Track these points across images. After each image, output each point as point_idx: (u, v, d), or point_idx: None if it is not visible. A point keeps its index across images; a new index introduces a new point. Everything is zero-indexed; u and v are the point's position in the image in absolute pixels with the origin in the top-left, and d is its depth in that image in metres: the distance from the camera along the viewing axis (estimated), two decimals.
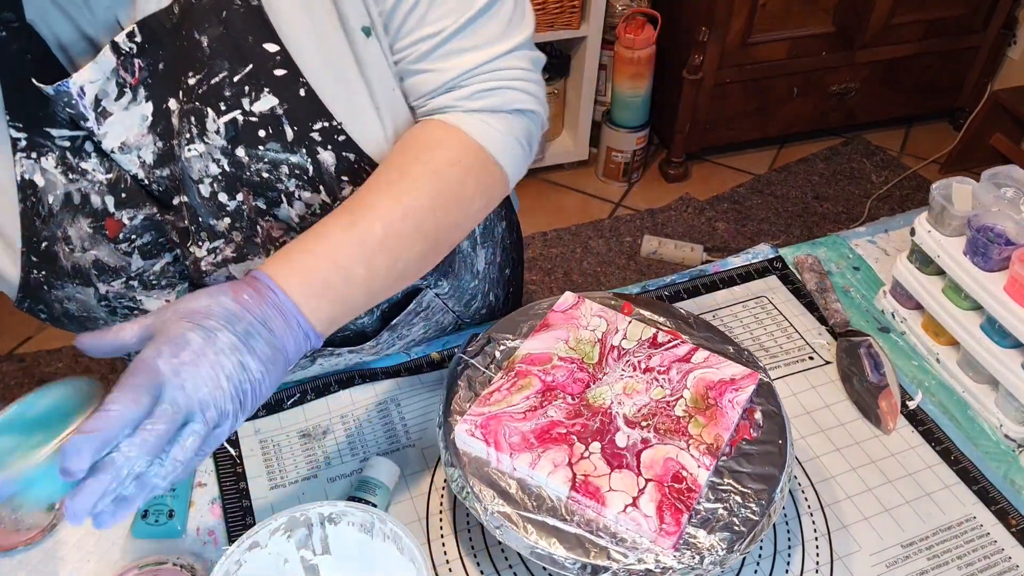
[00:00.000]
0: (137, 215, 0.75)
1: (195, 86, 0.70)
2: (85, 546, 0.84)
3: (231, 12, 0.69)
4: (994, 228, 0.91)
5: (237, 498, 0.87)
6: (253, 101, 0.71)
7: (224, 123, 0.71)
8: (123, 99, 0.71)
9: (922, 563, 0.82)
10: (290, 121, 0.72)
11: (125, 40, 0.68)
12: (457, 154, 0.76)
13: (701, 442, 0.77)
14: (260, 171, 0.73)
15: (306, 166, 0.74)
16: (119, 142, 0.72)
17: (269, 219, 0.76)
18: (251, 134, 0.72)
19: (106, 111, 0.70)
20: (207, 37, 0.69)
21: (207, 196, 0.74)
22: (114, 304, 0.80)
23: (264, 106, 0.71)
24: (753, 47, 2.60)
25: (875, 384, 0.97)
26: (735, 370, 0.84)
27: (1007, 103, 2.64)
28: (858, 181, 2.83)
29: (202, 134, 0.72)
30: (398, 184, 0.73)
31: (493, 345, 0.86)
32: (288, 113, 0.72)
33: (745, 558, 0.82)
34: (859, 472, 0.90)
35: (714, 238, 2.62)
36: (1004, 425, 0.93)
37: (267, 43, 0.70)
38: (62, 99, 0.68)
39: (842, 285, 1.11)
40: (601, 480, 0.73)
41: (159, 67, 0.70)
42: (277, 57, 0.70)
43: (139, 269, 0.78)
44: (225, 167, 0.73)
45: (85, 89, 0.68)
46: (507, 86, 0.77)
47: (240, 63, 0.70)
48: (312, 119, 0.73)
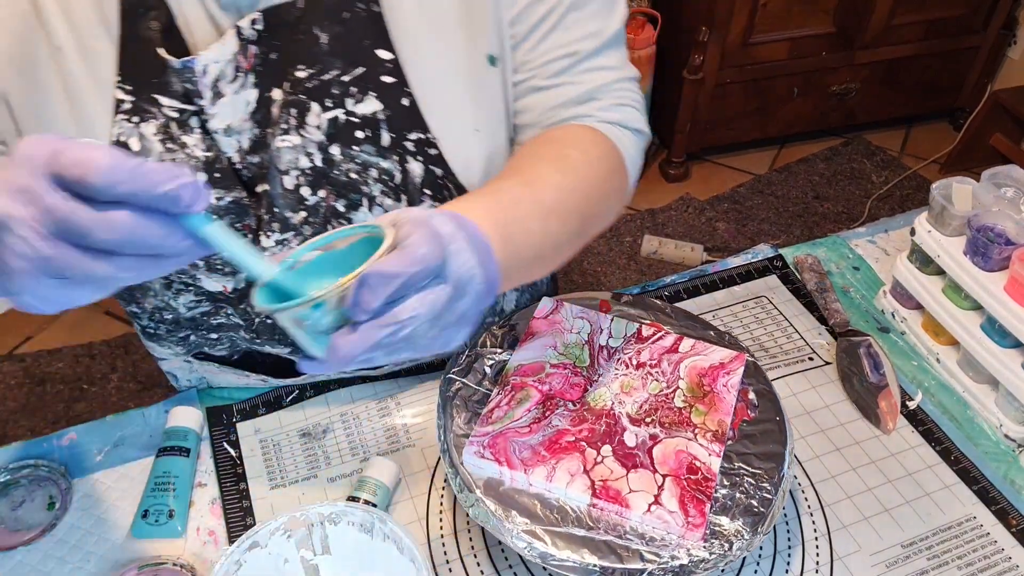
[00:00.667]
0: (225, 197, 0.77)
1: (305, 79, 0.73)
2: (85, 546, 0.84)
3: (353, 14, 0.72)
4: (994, 228, 0.91)
5: (237, 498, 0.87)
6: (357, 102, 0.74)
7: (327, 119, 0.74)
8: (235, 83, 0.73)
9: (922, 563, 0.82)
10: (388, 127, 0.74)
11: (248, 25, 0.71)
12: (604, 151, 0.79)
13: (706, 430, 0.78)
14: (349, 171, 0.75)
15: (394, 173, 0.76)
16: (225, 124, 0.74)
17: (343, 222, 0.78)
18: (348, 134, 0.74)
19: (220, 92, 0.72)
20: (327, 35, 0.72)
21: (290, 188, 0.76)
22: (172, 278, 0.81)
23: (367, 109, 0.74)
24: (754, 47, 2.60)
25: (875, 384, 0.97)
26: (722, 354, 0.85)
27: (1007, 103, 2.64)
28: (858, 181, 2.83)
29: (300, 126, 0.74)
30: (562, 162, 0.74)
31: (481, 361, 0.85)
32: (388, 120, 0.74)
33: (745, 558, 0.82)
34: (859, 472, 0.90)
35: (714, 238, 2.61)
36: (1004, 425, 0.93)
37: (381, 49, 0.73)
38: (184, 74, 0.70)
39: (842, 285, 1.11)
40: (620, 483, 0.73)
41: (270, 56, 0.73)
42: (388, 64, 0.73)
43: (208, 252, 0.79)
44: (317, 162, 0.75)
45: (208, 68, 0.70)
46: (631, 104, 0.83)
47: (352, 64, 0.73)
48: (409, 129, 0.75)
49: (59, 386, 2.14)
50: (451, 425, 0.79)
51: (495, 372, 0.84)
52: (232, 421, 0.95)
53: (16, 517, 0.85)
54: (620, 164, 0.81)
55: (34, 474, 0.88)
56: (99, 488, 0.89)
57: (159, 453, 0.89)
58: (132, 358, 2.19)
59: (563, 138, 0.78)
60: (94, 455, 0.91)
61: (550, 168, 0.73)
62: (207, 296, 0.84)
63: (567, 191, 0.72)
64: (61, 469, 0.89)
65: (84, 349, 2.22)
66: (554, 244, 0.71)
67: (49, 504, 0.86)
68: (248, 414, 0.95)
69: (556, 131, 0.80)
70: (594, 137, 0.79)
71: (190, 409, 0.92)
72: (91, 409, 2.08)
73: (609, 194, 0.79)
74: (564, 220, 0.71)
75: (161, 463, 0.88)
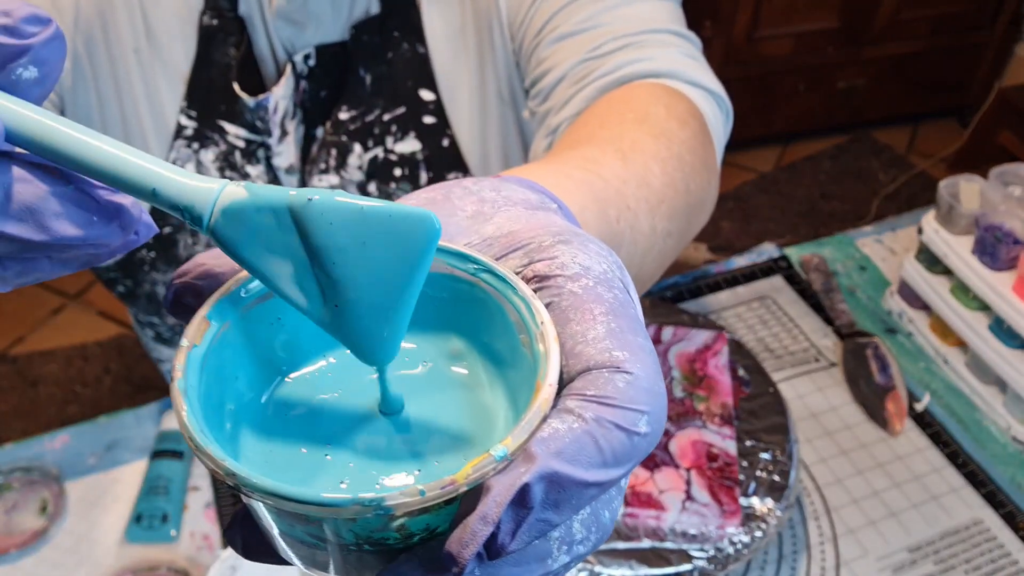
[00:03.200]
0: None
1: (347, 121, 0.72)
2: (79, 551, 0.83)
3: (397, 55, 0.71)
4: (1002, 227, 0.90)
5: (232, 503, 0.86)
6: (397, 140, 0.73)
7: (368, 159, 0.73)
8: (295, 120, 0.72)
9: (929, 567, 0.81)
10: (427, 166, 0.73)
11: (301, 62, 0.70)
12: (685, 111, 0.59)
13: (712, 415, 0.78)
14: None
15: None
16: (289, 163, 0.73)
17: None
18: (386, 171, 0.73)
19: (285, 130, 0.71)
20: (371, 75, 0.71)
21: None
22: None
23: (407, 148, 0.73)
24: (758, 43, 2.58)
25: (882, 386, 0.96)
26: (704, 336, 0.85)
27: (1015, 100, 2.62)
28: (865, 179, 2.81)
29: (340, 167, 0.73)
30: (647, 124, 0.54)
31: None
32: (428, 159, 0.73)
33: (750, 562, 0.81)
34: (865, 476, 0.88)
35: (718, 237, 2.60)
36: (1012, 428, 0.92)
37: (424, 89, 0.72)
38: (259, 112, 0.69)
39: (848, 285, 1.10)
40: (647, 486, 0.73)
41: (319, 94, 0.72)
42: (431, 105, 0.72)
43: None
44: None
45: (279, 106, 0.69)
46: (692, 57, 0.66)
47: (395, 104, 0.72)
48: (448, 169, 0.74)
49: (52, 388, 2.13)
50: None
51: None
52: None
53: (8, 521, 0.84)
54: (706, 129, 0.61)
55: (26, 477, 0.88)
56: (92, 491, 0.88)
57: (153, 456, 0.88)
58: (126, 360, 2.19)
59: (637, 94, 0.58)
60: (87, 458, 0.90)
61: (642, 133, 0.52)
62: None
63: (671, 166, 0.52)
64: (54, 472, 0.88)
65: (77, 351, 2.21)
66: (660, 252, 0.51)
67: (41, 508, 0.85)
68: None
69: (615, 92, 0.60)
70: (669, 90, 0.59)
71: None
72: (84, 411, 2.07)
73: (705, 168, 0.58)
74: (671, 213, 0.52)
75: (155, 466, 0.87)
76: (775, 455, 0.75)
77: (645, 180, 0.49)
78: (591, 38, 0.63)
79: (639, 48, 0.62)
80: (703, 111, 0.61)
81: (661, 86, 0.59)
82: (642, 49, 0.62)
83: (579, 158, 0.47)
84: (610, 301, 0.27)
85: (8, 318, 2.32)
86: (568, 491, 0.24)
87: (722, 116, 0.65)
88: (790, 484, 0.73)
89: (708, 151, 0.59)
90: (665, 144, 0.53)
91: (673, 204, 0.52)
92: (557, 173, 0.42)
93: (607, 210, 0.43)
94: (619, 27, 0.63)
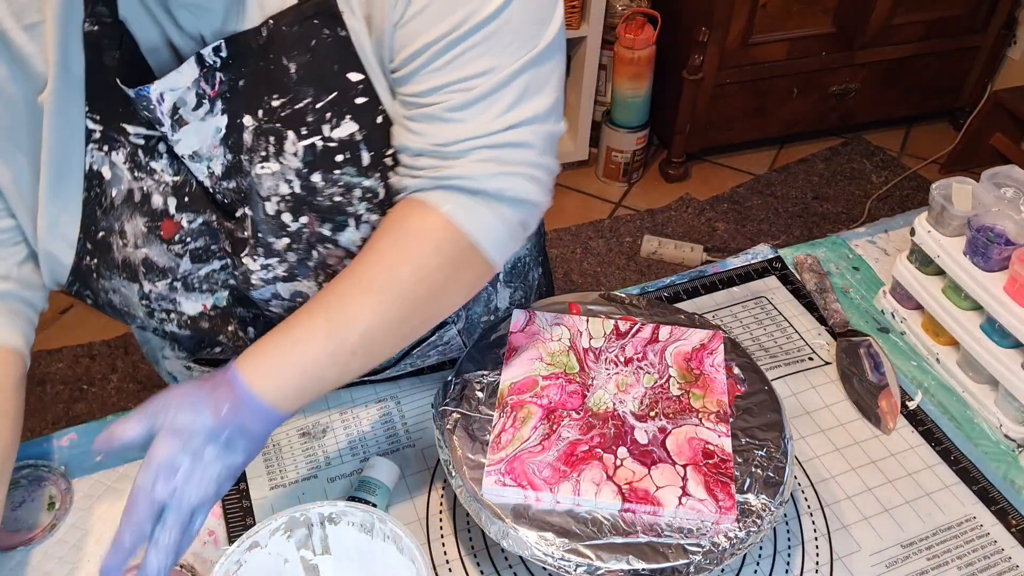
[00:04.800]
0: (196, 219, 0.77)
1: (278, 108, 0.72)
2: (85, 547, 0.84)
3: (319, 42, 0.71)
4: (994, 228, 0.91)
5: (237, 498, 0.87)
6: (334, 127, 0.73)
7: (303, 147, 0.73)
8: (200, 110, 0.72)
9: (922, 563, 0.82)
10: (367, 147, 0.74)
11: (211, 54, 0.70)
12: (448, 256, 0.72)
13: (708, 412, 0.79)
14: (333, 195, 0.75)
15: (377, 190, 0.75)
16: (191, 150, 0.74)
17: (329, 246, 0.77)
18: (328, 159, 0.74)
19: (183, 120, 0.72)
20: (295, 64, 0.71)
21: (271, 214, 0.75)
22: (153, 306, 0.81)
23: (344, 132, 0.73)
24: (753, 47, 2.60)
25: (875, 384, 0.97)
26: (700, 335, 0.87)
27: (1007, 103, 2.64)
28: (858, 181, 2.83)
29: (279, 154, 0.73)
30: (385, 291, 0.71)
31: (470, 387, 0.82)
32: (366, 139, 0.74)
33: (745, 557, 0.82)
34: (859, 472, 0.90)
35: (714, 238, 2.62)
36: (1004, 425, 0.93)
37: (351, 72, 0.72)
38: (141, 103, 0.70)
39: (841, 285, 1.11)
40: (645, 482, 0.74)
41: (239, 83, 0.72)
42: (360, 86, 0.72)
43: (186, 272, 0.79)
44: (296, 189, 0.74)
45: (164, 96, 0.70)
46: (515, 172, 0.71)
47: (324, 91, 0.72)
48: (387, 145, 0.75)
49: (59, 386, 2.14)
50: (459, 458, 0.77)
51: (488, 395, 0.82)
52: None
53: (16, 517, 0.85)
54: (469, 259, 0.73)
55: (34, 474, 0.89)
56: (99, 488, 0.89)
57: None
58: (132, 359, 2.19)
59: (406, 248, 0.72)
60: (94, 455, 0.91)
61: (368, 303, 0.70)
62: (190, 326, 0.84)
63: (380, 325, 0.71)
64: (61, 469, 0.89)
65: (84, 349, 2.22)
66: (357, 372, 0.73)
67: (49, 504, 0.86)
68: None
69: (408, 223, 0.72)
70: (441, 239, 0.71)
71: None
72: (91, 409, 2.08)
73: (448, 301, 0.76)
74: (371, 354, 0.72)
75: None
76: (770, 452, 0.77)
77: (338, 350, 0.70)
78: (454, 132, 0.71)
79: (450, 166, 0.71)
80: (483, 239, 0.72)
81: (443, 228, 0.71)
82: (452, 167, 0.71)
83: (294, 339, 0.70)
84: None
85: None
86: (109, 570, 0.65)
87: (533, 219, 0.75)
88: (785, 480, 0.75)
89: (458, 284, 0.75)
90: (387, 308, 0.71)
91: (370, 351, 0.72)
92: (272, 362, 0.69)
93: (289, 384, 0.69)
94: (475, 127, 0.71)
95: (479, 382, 0.83)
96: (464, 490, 0.75)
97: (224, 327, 0.85)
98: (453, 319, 0.97)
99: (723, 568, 0.75)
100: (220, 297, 0.82)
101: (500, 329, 0.88)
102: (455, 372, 0.84)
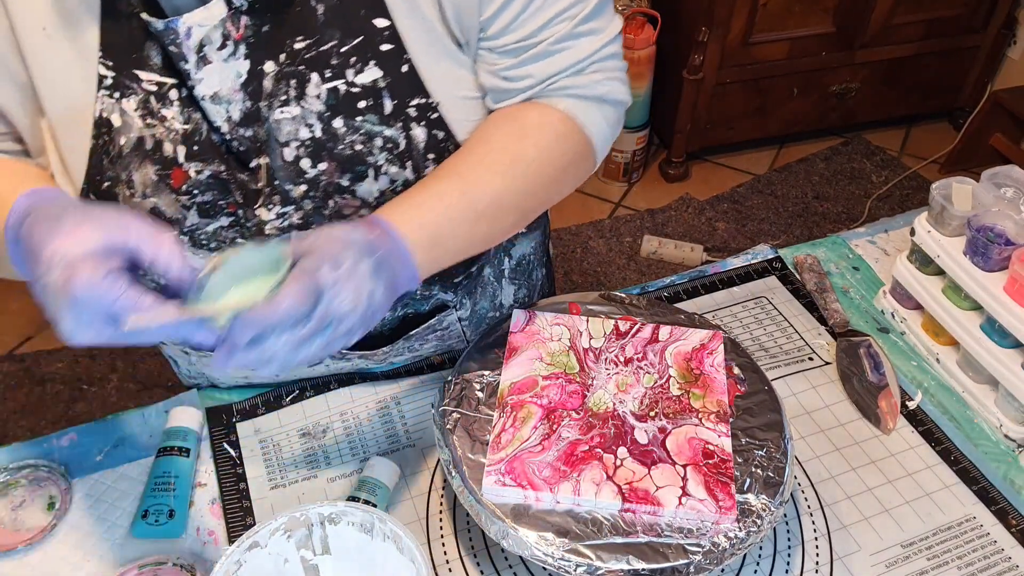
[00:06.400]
0: (204, 170, 0.77)
1: (302, 50, 0.74)
2: (85, 546, 0.84)
3: None
4: (994, 228, 0.91)
5: (237, 498, 0.87)
6: (358, 72, 0.75)
7: (327, 89, 0.75)
8: (224, 51, 0.73)
9: (922, 563, 0.82)
10: (390, 95, 0.76)
11: None
12: (570, 147, 0.81)
13: (708, 412, 0.79)
14: (354, 143, 0.76)
15: (398, 140, 0.77)
16: (212, 91, 0.75)
17: (347, 196, 0.78)
18: (350, 104, 0.75)
19: (206, 58, 0.73)
20: (323, 6, 0.73)
21: (290, 160, 0.76)
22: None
23: (367, 78, 0.75)
24: (753, 47, 2.60)
25: (875, 384, 0.97)
26: (700, 335, 0.87)
27: (1007, 103, 2.64)
28: (858, 181, 2.83)
29: (300, 97, 0.75)
30: (514, 167, 0.77)
31: (470, 387, 0.82)
32: (389, 87, 0.76)
33: (745, 557, 0.82)
34: (859, 472, 0.90)
35: (714, 238, 2.62)
36: (1004, 425, 0.93)
37: (378, 18, 0.74)
38: (168, 36, 0.71)
39: (841, 285, 1.11)
40: (645, 482, 0.74)
41: (263, 28, 0.73)
42: (385, 32, 0.74)
43: (193, 225, 0.79)
44: (317, 133, 0.76)
45: (192, 31, 0.71)
46: (618, 77, 0.82)
47: (350, 34, 0.74)
48: (411, 95, 0.76)
49: (59, 386, 2.14)
50: (459, 458, 0.77)
51: (488, 395, 0.82)
52: (232, 421, 0.95)
53: (16, 517, 0.85)
54: (585, 152, 0.82)
55: (34, 474, 0.89)
56: (99, 488, 0.89)
57: (159, 453, 0.89)
58: (132, 358, 2.19)
59: (530, 134, 0.79)
60: (94, 455, 0.91)
61: (497, 173, 0.77)
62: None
63: (508, 195, 0.78)
64: (61, 469, 0.89)
65: (84, 350, 2.21)
66: (484, 240, 0.80)
67: (49, 504, 0.86)
68: (248, 414, 0.95)
69: (530, 118, 0.80)
70: (563, 131, 0.80)
71: (190, 409, 0.92)
72: (91, 409, 2.08)
73: (563, 185, 0.83)
74: (496, 220, 0.78)
75: (161, 463, 0.88)
76: (770, 452, 0.77)
77: (471, 204, 0.75)
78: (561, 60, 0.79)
79: (586, 75, 0.80)
80: (593, 132, 0.82)
81: (560, 121, 0.80)
82: (588, 76, 0.81)
83: (429, 194, 0.75)
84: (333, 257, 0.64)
85: (15, 317, 2.32)
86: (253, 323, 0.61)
87: (621, 114, 0.85)
88: (784, 480, 0.75)
89: (573, 170, 0.82)
90: (512, 180, 0.77)
91: (497, 216, 0.78)
92: (408, 206, 0.73)
93: (429, 223, 0.73)
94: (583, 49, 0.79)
95: (479, 382, 0.83)
96: (464, 490, 0.75)
97: None
98: (455, 304, 0.97)
99: (723, 568, 0.75)
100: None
101: (500, 329, 0.88)
102: (455, 372, 0.84)
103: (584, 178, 0.86)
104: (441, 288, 0.93)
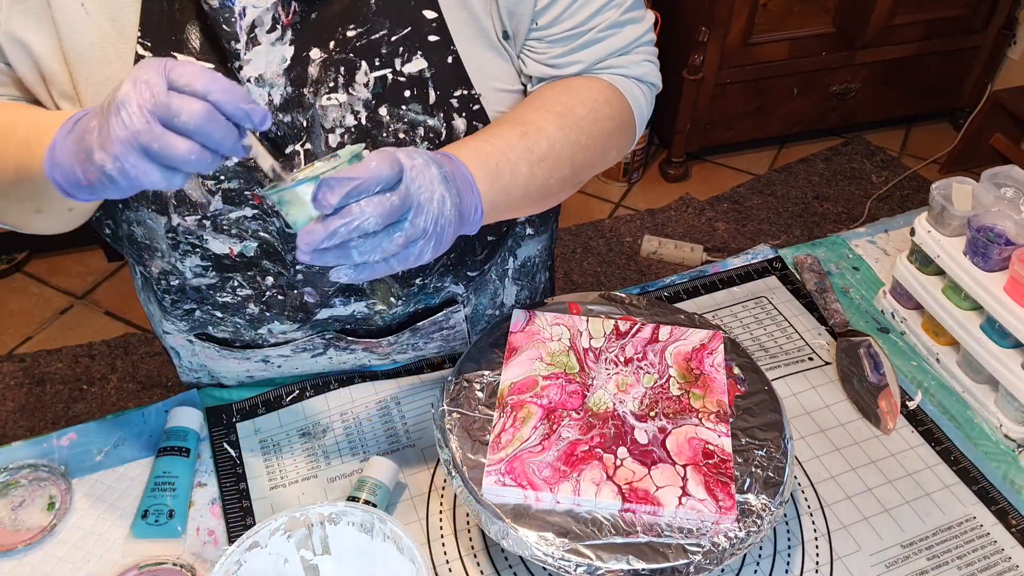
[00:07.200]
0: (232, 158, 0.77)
1: (353, 38, 0.75)
2: (85, 546, 0.84)
3: None
4: (994, 228, 0.91)
5: (237, 498, 0.87)
6: (405, 62, 0.76)
7: (375, 77, 0.76)
8: (272, 34, 0.74)
9: (922, 563, 0.82)
10: (435, 85, 0.77)
11: None
12: (616, 111, 0.84)
13: (708, 412, 0.79)
14: (397, 131, 0.77)
15: (440, 130, 0.79)
16: (258, 73, 0.75)
17: None
18: (397, 93, 0.77)
19: (256, 39, 0.74)
20: None
21: (334, 147, 0.77)
22: (180, 238, 0.82)
23: (414, 68, 0.77)
24: (753, 47, 2.60)
25: (875, 384, 0.97)
26: (700, 335, 0.87)
27: (1007, 103, 2.64)
28: (858, 181, 2.83)
29: (348, 85, 0.76)
30: (566, 117, 0.80)
31: (470, 387, 0.82)
32: (434, 77, 0.77)
33: (745, 557, 0.82)
34: (859, 472, 0.90)
35: (714, 238, 2.62)
36: (1004, 425, 0.93)
37: (426, 9, 0.76)
38: (223, 14, 0.71)
39: (841, 285, 1.11)
40: (645, 482, 0.74)
41: (311, 16, 0.74)
42: (433, 23, 0.76)
43: (216, 211, 0.80)
44: (362, 121, 0.77)
45: (246, 11, 0.72)
46: (652, 60, 0.88)
47: (399, 24, 0.75)
48: (454, 86, 0.78)
49: (59, 386, 2.14)
50: (459, 458, 0.76)
51: (488, 395, 0.82)
52: (232, 421, 0.95)
53: (16, 517, 0.85)
54: (628, 120, 0.87)
55: (34, 474, 0.89)
56: (99, 488, 0.89)
57: (159, 453, 0.89)
58: (132, 358, 2.20)
59: (579, 92, 0.83)
60: (94, 455, 0.91)
61: (551, 120, 0.80)
62: (213, 262, 0.84)
63: (562, 143, 0.79)
64: (61, 469, 0.89)
65: (84, 349, 2.22)
66: (541, 186, 0.79)
67: (49, 504, 0.86)
68: (248, 414, 0.95)
69: (576, 82, 0.84)
70: (609, 95, 0.84)
71: (190, 409, 0.92)
72: (91, 409, 2.08)
73: (609, 148, 0.86)
74: (553, 168, 0.79)
75: (161, 463, 0.88)
76: (770, 452, 0.77)
77: (529, 147, 0.77)
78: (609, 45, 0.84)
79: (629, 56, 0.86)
80: (635, 106, 0.87)
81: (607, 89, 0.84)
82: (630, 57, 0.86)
83: (489, 135, 0.77)
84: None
85: (15, 317, 2.32)
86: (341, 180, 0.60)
87: (653, 96, 0.90)
88: (784, 480, 0.75)
89: (619, 136, 0.86)
90: (567, 132, 0.80)
91: (554, 163, 0.79)
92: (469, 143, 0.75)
93: (489, 157, 0.74)
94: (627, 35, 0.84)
95: (479, 382, 0.83)
96: (464, 490, 0.75)
97: (245, 271, 0.86)
98: (463, 300, 0.97)
99: (723, 568, 0.75)
100: (248, 247, 0.83)
101: (500, 329, 0.88)
102: (455, 372, 0.84)
103: (626, 151, 0.89)
104: (454, 280, 0.93)
